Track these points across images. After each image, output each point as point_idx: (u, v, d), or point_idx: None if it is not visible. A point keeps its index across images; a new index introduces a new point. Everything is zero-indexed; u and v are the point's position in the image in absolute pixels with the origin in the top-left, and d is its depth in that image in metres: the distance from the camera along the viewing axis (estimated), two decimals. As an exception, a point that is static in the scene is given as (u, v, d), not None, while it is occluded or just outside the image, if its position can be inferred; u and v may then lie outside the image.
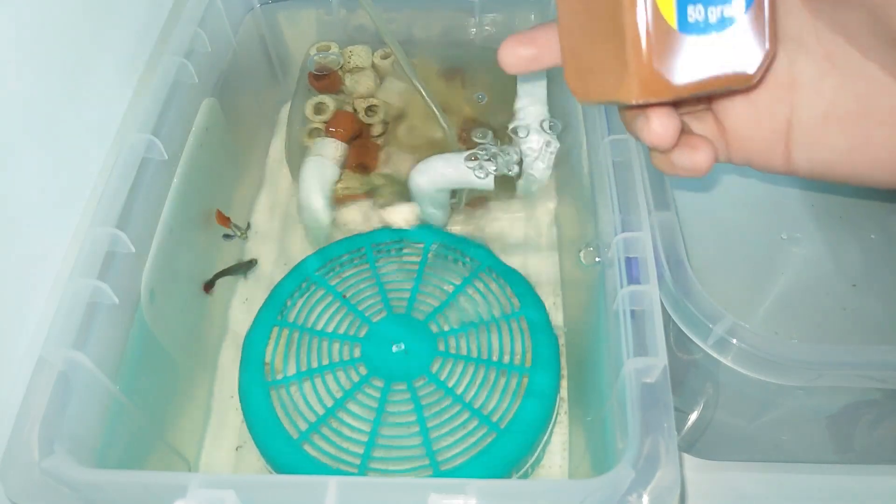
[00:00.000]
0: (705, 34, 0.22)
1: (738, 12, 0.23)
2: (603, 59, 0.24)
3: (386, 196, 0.53)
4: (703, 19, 0.22)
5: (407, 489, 0.30)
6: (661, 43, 0.22)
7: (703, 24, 0.22)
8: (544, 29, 0.27)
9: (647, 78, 0.22)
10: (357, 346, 0.44)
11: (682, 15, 0.22)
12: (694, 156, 0.26)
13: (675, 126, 0.24)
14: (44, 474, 0.29)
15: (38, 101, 0.42)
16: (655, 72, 0.22)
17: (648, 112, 0.24)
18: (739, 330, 0.34)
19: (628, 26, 0.22)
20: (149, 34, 0.53)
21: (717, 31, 0.23)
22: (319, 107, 0.54)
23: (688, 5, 0.22)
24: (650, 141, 0.25)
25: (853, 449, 0.44)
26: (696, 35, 0.22)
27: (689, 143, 0.26)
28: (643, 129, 0.25)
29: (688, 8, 0.22)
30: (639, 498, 0.28)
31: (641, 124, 0.25)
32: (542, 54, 0.27)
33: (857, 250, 0.45)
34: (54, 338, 0.32)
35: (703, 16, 0.22)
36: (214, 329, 0.49)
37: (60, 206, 0.44)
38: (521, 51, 0.27)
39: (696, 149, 0.26)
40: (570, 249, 0.51)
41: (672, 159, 0.26)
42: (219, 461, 0.44)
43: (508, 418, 0.40)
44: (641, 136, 0.25)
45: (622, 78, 0.23)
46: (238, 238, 0.50)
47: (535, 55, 0.27)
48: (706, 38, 0.22)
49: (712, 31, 0.22)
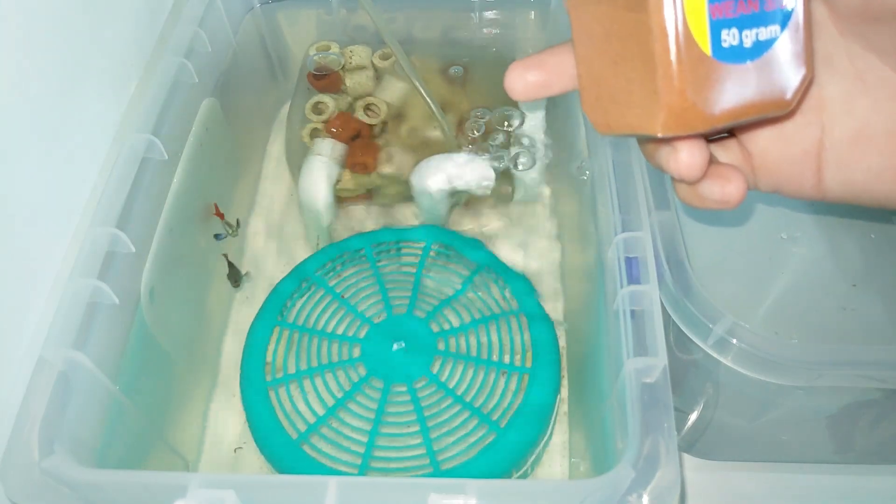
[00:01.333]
0: (740, 60, 0.21)
1: (774, 34, 0.21)
2: (628, 89, 0.22)
3: (386, 196, 0.53)
4: (738, 44, 0.21)
5: (407, 489, 0.30)
6: (693, 71, 0.20)
7: (738, 50, 0.21)
8: (554, 53, 0.25)
9: (680, 110, 0.21)
10: (357, 346, 0.44)
11: (715, 40, 0.20)
12: (725, 187, 0.24)
13: (705, 156, 0.23)
14: (44, 474, 0.29)
15: (38, 100, 0.42)
16: (689, 103, 0.21)
17: (676, 143, 0.23)
18: (739, 330, 0.34)
19: (659, 54, 0.20)
20: (149, 34, 0.53)
21: (753, 57, 0.21)
22: (319, 106, 0.54)
23: (722, 29, 0.20)
24: (678, 173, 0.23)
25: (853, 449, 0.44)
26: (730, 62, 0.21)
27: (720, 174, 0.24)
28: (669, 161, 0.23)
29: (722, 32, 0.20)
30: (639, 498, 0.28)
31: (667, 155, 0.23)
32: (552, 80, 0.25)
33: (857, 250, 0.45)
34: (54, 338, 0.32)
35: (737, 40, 0.21)
36: (214, 329, 0.49)
37: (60, 206, 0.44)
38: (529, 76, 0.25)
39: (728, 180, 0.24)
40: (570, 249, 0.51)
41: (701, 192, 0.25)
42: (219, 461, 0.44)
43: (508, 418, 0.40)
44: (668, 168, 0.23)
45: (652, 110, 0.21)
46: (229, 236, 0.50)
47: (544, 81, 0.25)
48: (741, 65, 0.21)
49: (748, 56, 0.21)
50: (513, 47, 0.57)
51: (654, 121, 0.21)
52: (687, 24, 0.20)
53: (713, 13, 0.20)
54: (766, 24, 0.21)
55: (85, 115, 0.46)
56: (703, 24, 0.20)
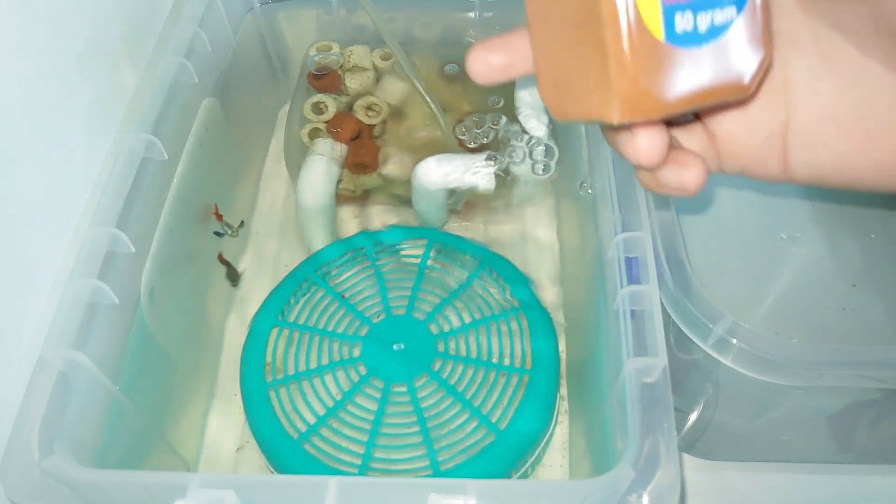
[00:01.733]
0: (695, 45, 0.20)
1: (730, 17, 0.21)
2: (583, 75, 0.21)
3: (386, 196, 0.53)
4: (692, 28, 0.20)
5: (407, 489, 0.30)
6: (646, 57, 0.20)
7: (693, 34, 0.20)
8: (520, 34, 0.24)
9: (633, 96, 0.20)
10: (357, 346, 0.44)
11: (669, 25, 0.20)
12: (683, 174, 0.24)
13: (664, 142, 0.23)
14: (44, 474, 0.29)
15: (37, 100, 0.42)
16: (642, 89, 0.20)
17: (634, 129, 0.22)
18: (739, 330, 0.34)
19: (609, 40, 0.20)
20: (149, 34, 0.53)
21: (708, 41, 0.20)
22: (319, 107, 0.54)
23: (675, 13, 0.20)
24: (636, 159, 0.23)
25: (853, 449, 0.44)
26: (684, 46, 0.20)
27: (678, 160, 0.24)
28: (627, 146, 0.23)
29: (675, 17, 0.20)
30: (639, 498, 0.28)
31: (625, 140, 0.23)
32: (517, 62, 0.24)
33: (857, 250, 0.45)
34: (54, 338, 0.32)
35: (691, 25, 0.20)
36: (215, 329, 0.49)
37: (60, 206, 0.44)
38: (492, 59, 0.24)
39: (686, 166, 0.24)
40: (570, 249, 0.51)
41: (659, 178, 0.24)
42: (219, 461, 0.44)
43: (508, 418, 0.40)
44: (625, 153, 0.23)
45: (606, 97, 0.21)
46: (229, 236, 0.50)
47: (507, 63, 0.24)
48: (696, 49, 0.20)
49: (703, 40, 0.20)
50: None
51: (609, 108, 0.21)
52: (638, 9, 0.19)
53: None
54: (721, 6, 0.20)
55: (85, 115, 0.46)
56: (656, 8, 0.20)
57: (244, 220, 0.53)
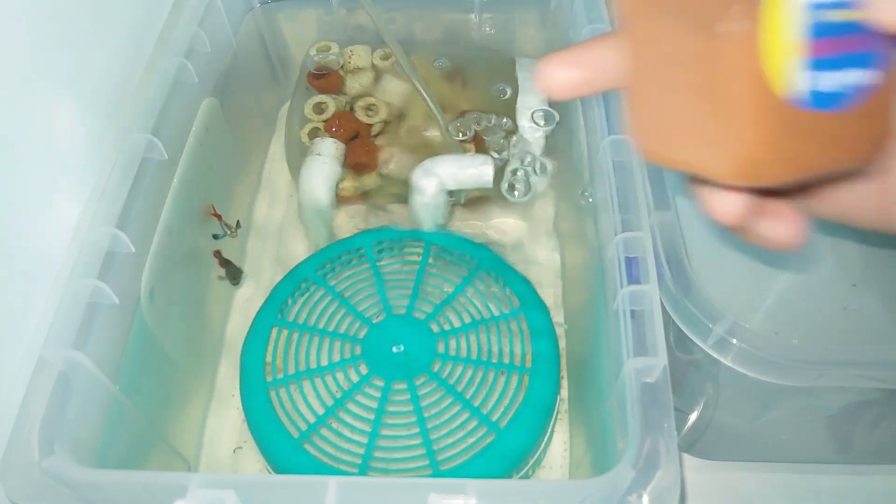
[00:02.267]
0: (821, 108, 0.18)
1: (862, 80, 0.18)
2: (688, 123, 0.19)
3: (385, 196, 0.53)
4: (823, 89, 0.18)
5: (407, 489, 0.30)
6: (769, 118, 0.18)
7: (821, 95, 0.18)
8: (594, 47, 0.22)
9: (751, 162, 0.18)
10: (357, 346, 0.44)
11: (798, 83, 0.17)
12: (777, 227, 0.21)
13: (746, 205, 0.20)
14: (44, 474, 0.29)
15: (37, 100, 0.42)
16: (764, 154, 0.18)
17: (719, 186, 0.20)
18: (739, 330, 0.34)
19: (733, 93, 0.17)
20: (149, 34, 0.53)
21: (835, 104, 0.18)
22: (319, 106, 0.54)
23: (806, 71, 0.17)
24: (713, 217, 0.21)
25: (853, 449, 0.44)
26: (811, 108, 0.18)
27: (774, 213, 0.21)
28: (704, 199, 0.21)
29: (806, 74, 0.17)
30: (639, 498, 0.28)
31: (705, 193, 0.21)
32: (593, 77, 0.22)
33: (857, 250, 0.45)
34: (54, 338, 0.32)
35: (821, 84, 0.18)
36: (214, 329, 0.49)
37: (60, 206, 0.44)
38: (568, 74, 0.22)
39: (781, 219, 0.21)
40: (570, 249, 0.51)
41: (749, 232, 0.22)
42: (219, 461, 0.44)
43: (508, 418, 0.40)
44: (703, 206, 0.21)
45: (715, 154, 0.18)
46: (228, 237, 0.50)
47: (584, 78, 0.22)
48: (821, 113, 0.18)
49: (830, 103, 0.18)
50: (512, 47, 0.57)
51: (717, 166, 0.19)
52: (769, 66, 0.17)
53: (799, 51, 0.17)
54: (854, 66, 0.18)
55: (85, 115, 0.46)
56: (787, 62, 0.17)
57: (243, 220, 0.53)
